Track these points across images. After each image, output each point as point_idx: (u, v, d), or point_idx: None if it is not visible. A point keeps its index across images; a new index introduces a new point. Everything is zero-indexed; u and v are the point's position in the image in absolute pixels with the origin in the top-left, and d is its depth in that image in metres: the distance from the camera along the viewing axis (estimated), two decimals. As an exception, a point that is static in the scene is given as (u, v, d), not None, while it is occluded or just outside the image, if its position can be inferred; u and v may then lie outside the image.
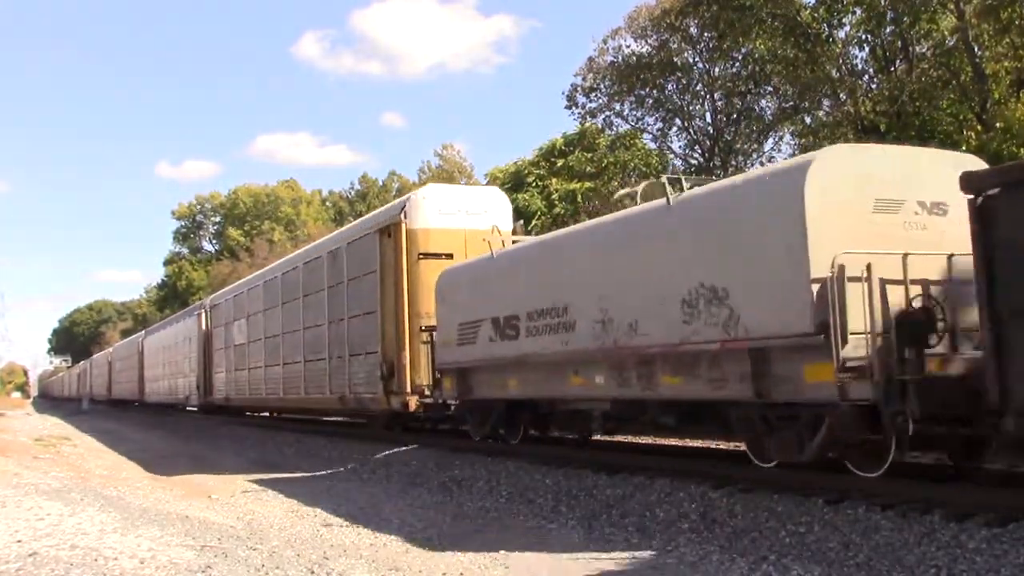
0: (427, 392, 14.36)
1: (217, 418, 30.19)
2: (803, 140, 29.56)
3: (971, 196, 6.42)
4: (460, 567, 7.03)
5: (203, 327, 30.02)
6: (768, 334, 7.62)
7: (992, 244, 6.28)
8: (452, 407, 13.93)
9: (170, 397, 36.43)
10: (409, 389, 14.70)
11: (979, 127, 21.85)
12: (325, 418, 24.37)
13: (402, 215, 15.26)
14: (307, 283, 19.90)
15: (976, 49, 23.31)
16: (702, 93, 37.19)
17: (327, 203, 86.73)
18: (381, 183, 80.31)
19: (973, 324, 6.92)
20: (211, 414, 30.69)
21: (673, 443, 13.54)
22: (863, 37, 26.63)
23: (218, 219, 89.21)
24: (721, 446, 11.68)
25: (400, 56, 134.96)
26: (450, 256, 14.84)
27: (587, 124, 37.85)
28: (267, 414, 28.37)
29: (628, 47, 36.63)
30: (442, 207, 15.31)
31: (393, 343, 15.12)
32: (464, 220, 15.33)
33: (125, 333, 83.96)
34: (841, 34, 27.16)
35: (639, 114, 37.91)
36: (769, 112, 35.34)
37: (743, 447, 11.70)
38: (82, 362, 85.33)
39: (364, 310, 16.40)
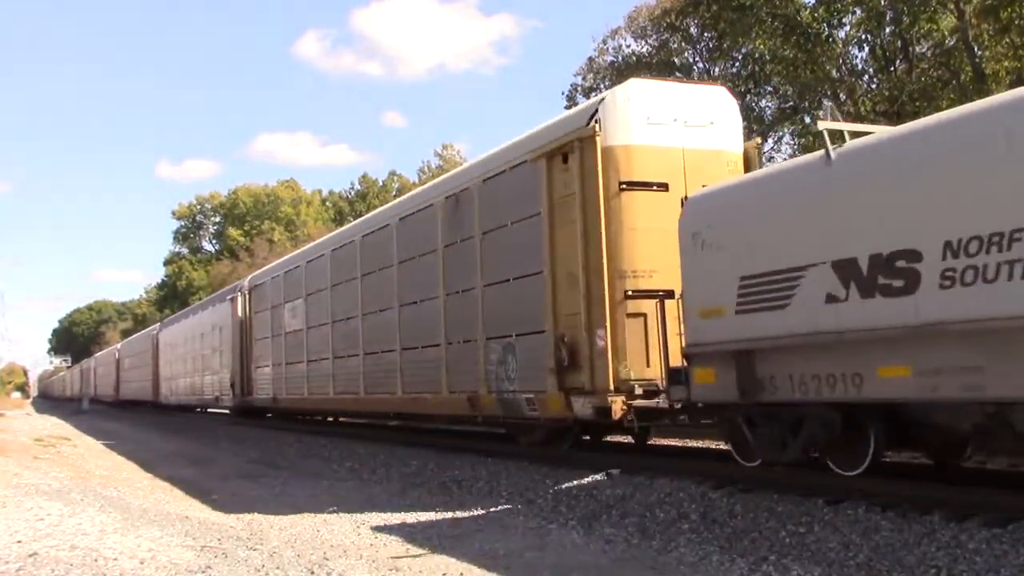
0: (638, 390, 9.98)
1: (216, 418, 29.94)
2: (803, 140, 29.59)
3: None
4: (460, 567, 7.03)
5: (239, 314, 25.30)
6: None
7: None
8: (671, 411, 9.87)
9: (193, 398, 32.03)
10: (612, 386, 10.13)
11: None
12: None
13: (594, 124, 10.40)
14: (405, 244, 15.38)
15: (976, 49, 23.38)
16: (702, 93, 37.22)
17: (327, 203, 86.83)
18: (381, 183, 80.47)
19: None
20: (248, 417, 26.48)
21: (673, 443, 13.53)
22: (863, 37, 26.71)
23: (218, 219, 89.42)
24: (721, 446, 11.62)
25: (400, 56, 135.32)
26: (664, 187, 10.41)
27: (587, 124, 37.91)
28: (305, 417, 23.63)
29: (628, 47, 36.80)
30: (651, 114, 10.55)
31: (579, 317, 10.58)
32: (682, 135, 10.63)
33: (125, 333, 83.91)
34: (841, 34, 27.24)
35: (639, 114, 37.96)
36: (769, 112, 35.38)
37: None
38: (85, 360, 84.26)
39: (517, 272, 11.91)
